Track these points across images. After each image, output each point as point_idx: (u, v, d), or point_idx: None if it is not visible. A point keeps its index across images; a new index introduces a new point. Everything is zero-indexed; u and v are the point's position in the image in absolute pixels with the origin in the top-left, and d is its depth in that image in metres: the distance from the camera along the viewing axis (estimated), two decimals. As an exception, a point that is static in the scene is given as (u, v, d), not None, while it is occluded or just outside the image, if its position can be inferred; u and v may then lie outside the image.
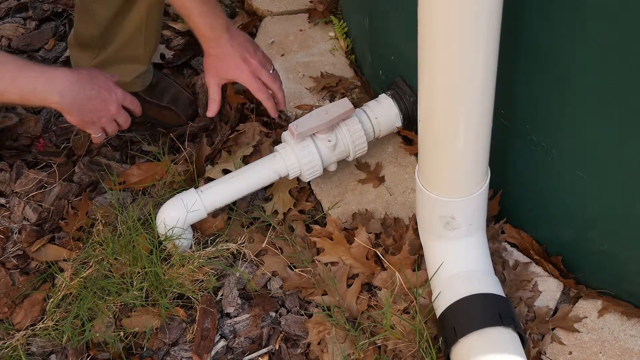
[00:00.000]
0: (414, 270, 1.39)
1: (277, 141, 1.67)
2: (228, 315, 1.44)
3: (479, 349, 1.19)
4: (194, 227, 1.53)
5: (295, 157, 1.47)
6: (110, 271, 1.45)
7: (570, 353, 1.30)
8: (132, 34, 1.60)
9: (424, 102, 1.16)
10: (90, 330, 1.38)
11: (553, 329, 1.33)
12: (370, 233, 1.46)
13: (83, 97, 1.36)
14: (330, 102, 1.75)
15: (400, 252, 1.41)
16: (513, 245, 1.45)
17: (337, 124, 1.50)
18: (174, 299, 1.44)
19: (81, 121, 1.39)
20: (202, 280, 1.45)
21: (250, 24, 2.02)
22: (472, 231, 1.32)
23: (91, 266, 1.46)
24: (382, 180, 1.60)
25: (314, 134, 1.48)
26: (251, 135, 1.72)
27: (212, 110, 1.53)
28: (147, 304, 1.42)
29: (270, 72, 1.51)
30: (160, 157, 1.67)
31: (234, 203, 1.55)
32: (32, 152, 1.75)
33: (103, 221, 1.53)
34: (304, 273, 1.46)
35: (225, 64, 1.47)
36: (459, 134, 1.16)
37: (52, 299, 1.43)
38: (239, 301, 1.45)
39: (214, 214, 1.52)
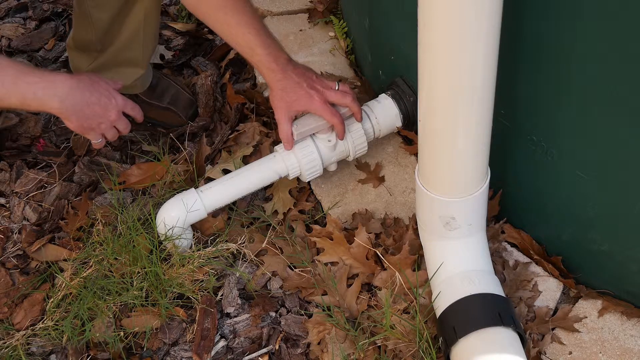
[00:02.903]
0: (414, 270, 1.39)
1: (277, 141, 1.67)
2: (228, 315, 1.44)
3: (479, 349, 1.19)
4: (194, 227, 1.53)
5: (295, 157, 1.47)
6: (110, 271, 1.45)
7: (570, 353, 1.30)
8: (130, 38, 1.60)
9: (424, 102, 1.16)
10: (90, 330, 1.38)
11: (553, 329, 1.33)
12: (370, 233, 1.46)
13: (82, 103, 1.35)
14: (330, 102, 1.75)
15: (400, 252, 1.41)
16: (513, 245, 1.45)
17: (337, 124, 1.50)
18: (174, 299, 1.44)
19: (80, 127, 1.39)
20: (202, 280, 1.45)
21: (250, 24, 2.02)
22: (472, 231, 1.32)
23: (91, 266, 1.46)
24: (382, 180, 1.60)
25: (313, 134, 1.48)
26: (251, 135, 1.72)
27: (289, 146, 1.47)
28: (147, 304, 1.42)
29: (337, 89, 1.46)
30: (160, 157, 1.67)
31: (234, 203, 1.55)
32: (32, 152, 1.75)
33: (103, 221, 1.53)
34: (304, 273, 1.46)
35: (295, 95, 1.41)
36: (459, 134, 1.16)
37: (52, 299, 1.43)
38: (239, 301, 1.45)
39: (214, 214, 1.53)
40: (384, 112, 1.55)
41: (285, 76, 1.41)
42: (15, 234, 1.59)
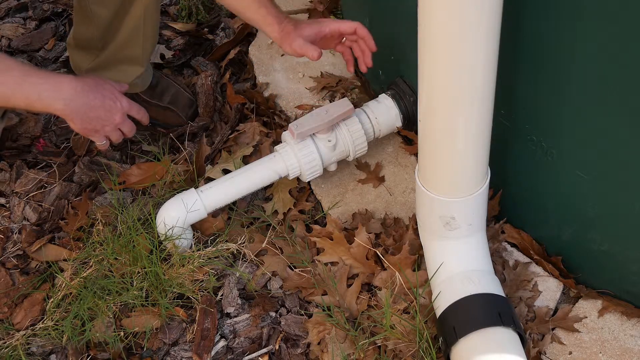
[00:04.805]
0: (414, 270, 1.39)
1: (277, 141, 1.67)
2: (228, 315, 1.44)
3: (479, 349, 1.19)
4: (194, 227, 1.53)
5: (295, 157, 1.47)
6: (111, 271, 1.45)
7: (570, 353, 1.30)
8: (130, 34, 1.60)
9: (424, 102, 1.16)
10: (90, 330, 1.38)
11: (553, 329, 1.33)
12: (370, 233, 1.46)
13: (87, 105, 1.36)
14: (330, 102, 1.75)
15: (400, 252, 1.41)
16: (513, 245, 1.45)
17: (337, 124, 1.50)
18: (174, 299, 1.44)
19: (84, 129, 1.39)
20: (202, 280, 1.45)
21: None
22: (472, 231, 1.32)
23: (91, 266, 1.46)
24: (382, 180, 1.60)
25: (314, 134, 1.48)
26: (251, 135, 1.72)
27: (316, 54, 1.41)
28: (147, 304, 1.42)
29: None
30: (160, 157, 1.67)
31: (234, 203, 1.55)
32: (32, 152, 1.75)
33: (103, 221, 1.53)
34: (304, 273, 1.46)
35: (301, 25, 1.42)
36: (459, 134, 1.16)
37: (52, 299, 1.43)
38: (239, 301, 1.45)
39: (214, 214, 1.53)
40: (384, 112, 1.55)
41: (289, 21, 1.43)
42: (15, 234, 1.59)
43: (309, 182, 1.61)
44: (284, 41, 1.43)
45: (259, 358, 1.38)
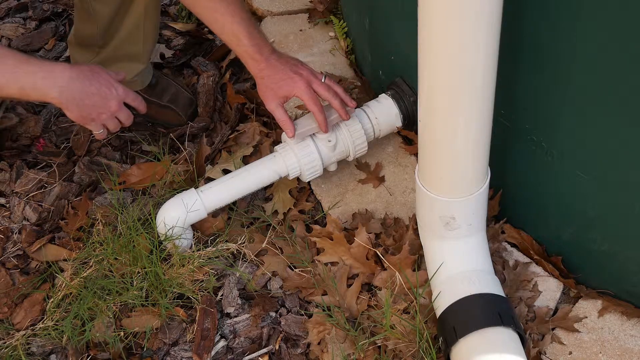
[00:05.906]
0: (414, 270, 1.39)
1: (277, 141, 1.67)
2: (228, 315, 1.44)
3: (479, 349, 1.19)
4: (194, 227, 1.53)
5: (295, 157, 1.47)
6: (111, 271, 1.45)
7: (570, 353, 1.30)
8: (131, 31, 1.61)
9: (424, 102, 1.16)
10: (90, 330, 1.38)
11: (553, 329, 1.33)
12: (370, 233, 1.46)
13: (82, 93, 1.35)
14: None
15: (400, 252, 1.41)
16: (513, 245, 1.45)
17: (337, 124, 1.50)
18: (174, 299, 1.44)
19: (80, 117, 1.38)
20: (202, 280, 1.45)
21: (250, 24, 2.02)
22: (472, 231, 1.32)
23: (91, 266, 1.46)
24: (382, 180, 1.60)
25: (314, 134, 1.48)
26: (251, 135, 1.72)
27: (291, 132, 1.45)
28: (147, 304, 1.42)
29: (322, 81, 1.46)
30: (160, 157, 1.67)
31: (234, 203, 1.55)
32: (32, 152, 1.75)
33: (103, 221, 1.53)
34: (304, 273, 1.46)
35: (279, 81, 1.43)
36: (459, 134, 1.16)
37: (52, 299, 1.43)
38: (239, 301, 1.45)
39: (214, 214, 1.53)
40: (384, 112, 1.55)
41: (268, 65, 1.42)
42: (15, 234, 1.59)
43: (309, 182, 1.61)
44: (261, 93, 1.46)
45: (259, 358, 1.38)
